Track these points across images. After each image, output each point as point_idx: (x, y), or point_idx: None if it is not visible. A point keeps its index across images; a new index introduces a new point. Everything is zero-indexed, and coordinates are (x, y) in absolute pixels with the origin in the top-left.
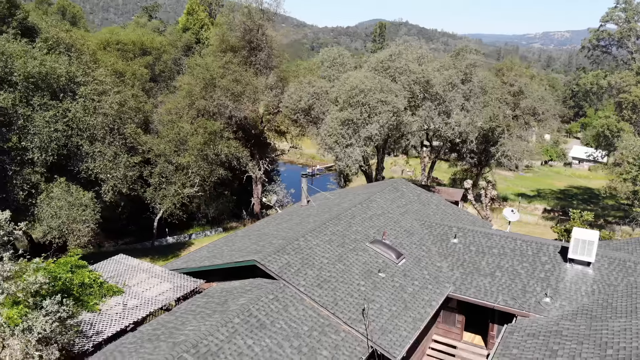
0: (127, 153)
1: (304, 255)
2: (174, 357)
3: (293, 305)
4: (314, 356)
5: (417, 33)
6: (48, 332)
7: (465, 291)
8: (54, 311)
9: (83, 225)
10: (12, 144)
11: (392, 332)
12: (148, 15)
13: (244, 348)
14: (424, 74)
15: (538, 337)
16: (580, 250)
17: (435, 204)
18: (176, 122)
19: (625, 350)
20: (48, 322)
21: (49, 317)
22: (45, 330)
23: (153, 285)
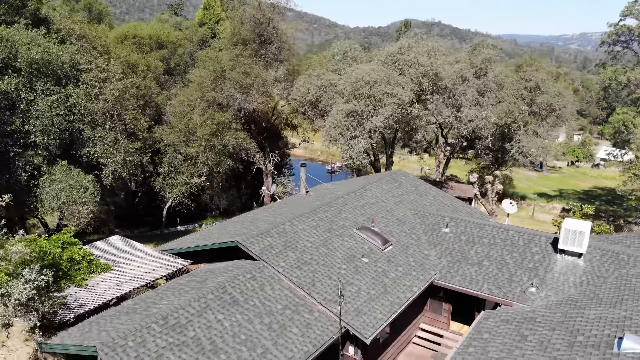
0: (127, 139)
1: (288, 238)
2: (142, 326)
3: (270, 285)
4: (284, 333)
5: (450, 33)
6: (26, 299)
7: (451, 279)
8: (33, 279)
9: (83, 207)
10: (16, 127)
11: (367, 314)
12: (173, 12)
13: (213, 322)
14: (433, 67)
15: (511, 323)
16: (570, 241)
17: (433, 196)
18: (187, 113)
19: (596, 337)
20: (26, 289)
21: (27, 285)
22: (23, 297)
23: (141, 264)
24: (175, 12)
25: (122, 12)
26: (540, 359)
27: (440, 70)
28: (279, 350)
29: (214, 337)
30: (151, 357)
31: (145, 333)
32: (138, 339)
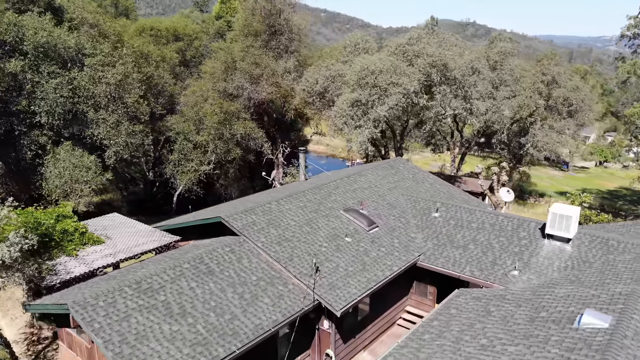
0: (128, 121)
1: (273, 217)
2: (115, 289)
3: (247, 258)
4: (255, 302)
5: (485, 34)
6: (10, 261)
7: (434, 261)
8: (17, 242)
9: (85, 185)
10: (22, 107)
11: (341, 288)
12: (199, 9)
13: (185, 289)
14: (441, 57)
15: (481, 300)
16: (558, 226)
17: (430, 183)
18: (198, 103)
19: (559, 313)
20: (10, 251)
21: (12, 248)
22: (7, 258)
23: (132, 238)
24: (200, 9)
25: (159, 13)
26: (499, 332)
27: (448, 61)
28: (247, 317)
29: (184, 302)
30: (119, 317)
31: (117, 295)
32: (109, 300)
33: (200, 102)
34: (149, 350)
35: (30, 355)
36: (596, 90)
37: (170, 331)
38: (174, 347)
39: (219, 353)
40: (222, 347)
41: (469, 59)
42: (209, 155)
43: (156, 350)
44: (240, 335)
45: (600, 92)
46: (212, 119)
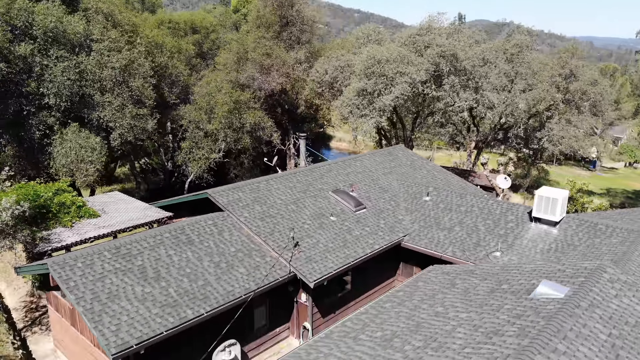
0: (133, 105)
1: (260, 194)
2: (94, 252)
3: (229, 231)
4: (230, 271)
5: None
6: (1, 225)
7: (418, 241)
8: (7, 208)
9: (90, 165)
10: (31, 89)
11: (318, 262)
12: (224, 5)
13: (163, 256)
14: (451, 48)
15: (450, 274)
16: (544, 209)
17: (427, 170)
18: (212, 93)
19: (520, 285)
20: (1, 216)
21: (3, 213)
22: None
23: (127, 213)
24: (225, 4)
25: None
26: (457, 302)
27: (458, 51)
28: (220, 284)
29: (159, 267)
30: (94, 277)
31: (95, 257)
32: (87, 261)
33: (214, 92)
34: (119, 308)
35: (27, 321)
36: (625, 88)
37: (142, 293)
38: (144, 307)
39: (187, 314)
40: (191, 310)
41: (480, 50)
42: (219, 143)
43: (126, 309)
44: (211, 300)
45: (629, 91)
46: (222, 107)
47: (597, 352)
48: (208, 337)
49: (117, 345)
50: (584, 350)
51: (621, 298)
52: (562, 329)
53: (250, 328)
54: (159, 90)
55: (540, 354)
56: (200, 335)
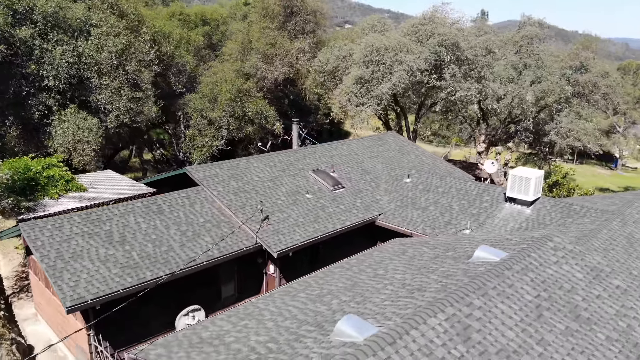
0: (129, 88)
1: (238, 171)
2: (65, 216)
3: (200, 204)
4: (195, 239)
5: (555, 34)
6: None
7: (392, 220)
8: None
9: (87, 145)
10: (31, 71)
11: (285, 234)
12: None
13: (131, 223)
14: (452, 37)
15: (405, 245)
16: (517, 189)
17: (416, 155)
18: (218, 82)
19: (464, 252)
20: None
21: None
22: None
23: (113, 189)
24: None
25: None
26: (400, 266)
27: (459, 40)
28: (184, 251)
29: (126, 233)
30: (61, 238)
31: (65, 221)
32: (57, 224)
33: (220, 82)
34: (80, 267)
35: (16, 289)
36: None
37: (106, 254)
38: (104, 267)
39: (145, 276)
40: (150, 272)
41: (483, 40)
42: (222, 131)
43: (87, 268)
44: (172, 264)
45: None
46: (224, 96)
47: (517, 310)
48: (175, 305)
49: (73, 299)
50: (502, 307)
51: (561, 265)
52: (483, 287)
53: (218, 297)
54: (165, 79)
55: (452, 306)
56: (167, 302)
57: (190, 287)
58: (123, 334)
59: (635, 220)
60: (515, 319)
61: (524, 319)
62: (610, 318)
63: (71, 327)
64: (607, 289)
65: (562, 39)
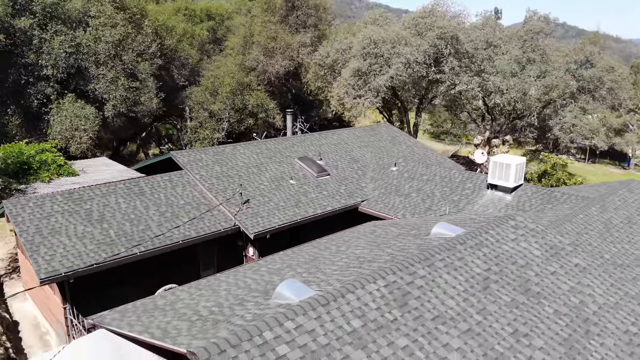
0: (126, 78)
1: (223, 157)
2: (48, 195)
3: (182, 187)
4: (173, 220)
5: (576, 35)
6: None
7: (374, 206)
8: None
9: (84, 133)
10: (30, 60)
11: (264, 217)
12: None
13: (112, 203)
14: (451, 30)
15: (377, 226)
16: (498, 175)
17: (407, 145)
18: (220, 76)
19: (427, 230)
20: None
21: None
22: None
23: (104, 174)
24: None
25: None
26: (362, 243)
27: (458, 33)
28: (161, 230)
29: (105, 212)
30: (42, 215)
31: (47, 199)
32: (39, 202)
33: (222, 75)
34: (57, 242)
35: (9, 269)
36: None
37: (83, 231)
38: (81, 243)
39: (120, 252)
40: (124, 248)
41: (484, 33)
42: (222, 124)
43: (63, 243)
44: (147, 242)
45: None
46: (225, 88)
47: (463, 281)
48: (154, 286)
49: (47, 271)
50: (447, 278)
51: (519, 242)
52: (430, 258)
53: (197, 278)
54: (169, 72)
55: (394, 274)
56: (147, 283)
57: (170, 268)
58: (100, 310)
59: (616, 207)
60: (458, 289)
61: (468, 289)
62: (563, 293)
63: (52, 303)
64: (565, 267)
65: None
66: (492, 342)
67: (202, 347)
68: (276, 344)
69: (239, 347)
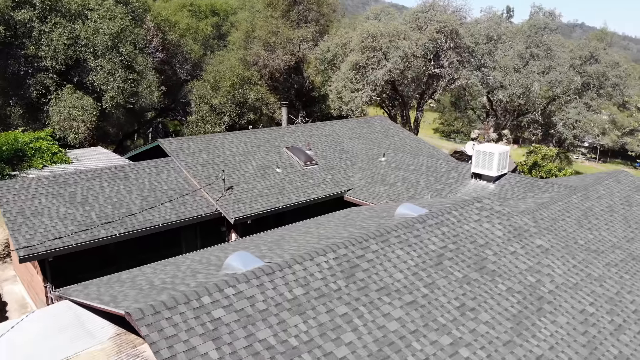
0: (123, 70)
1: (211, 145)
2: (34, 178)
3: (167, 173)
4: (155, 204)
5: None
6: None
7: (359, 195)
8: None
9: (81, 123)
10: (30, 52)
11: (245, 203)
12: None
13: (96, 187)
14: (450, 24)
15: (352, 211)
16: (481, 164)
17: (400, 137)
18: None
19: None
20: None
21: None
22: None
23: (97, 162)
24: None
25: None
26: (332, 224)
27: (458, 27)
28: (142, 214)
29: (88, 195)
30: (26, 197)
31: (33, 183)
32: (24, 185)
33: (224, 70)
34: (39, 222)
35: (4, 254)
36: None
37: (65, 213)
38: (62, 224)
39: (100, 234)
40: (105, 230)
41: (484, 27)
42: (223, 118)
43: (45, 224)
44: (127, 225)
45: None
46: (225, 82)
47: (415, 257)
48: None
49: (27, 250)
50: (400, 253)
51: (482, 223)
52: (385, 235)
53: None
54: (172, 67)
55: (346, 248)
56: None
57: (152, 252)
58: None
59: (599, 195)
60: (409, 264)
61: (420, 264)
62: (520, 272)
63: (36, 283)
64: (526, 247)
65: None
66: (436, 314)
67: (138, 309)
68: (213, 308)
69: (174, 310)
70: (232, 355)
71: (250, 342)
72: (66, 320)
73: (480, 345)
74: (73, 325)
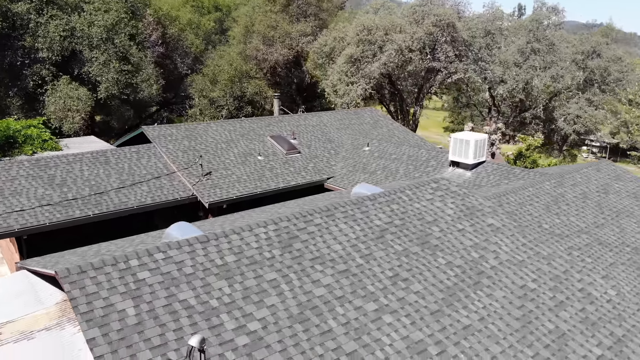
0: (118, 61)
1: (193, 133)
2: (17, 161)
3: (147, 158)
4: (133, 188)
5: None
6: None
7: (339, 182)
8: None
9: (76, 113)
10: (27, 43)
11: (222, 188)
12: None
13: (76, 170)
14: (447, 17)
15: (330, 196)
16: (458, 152)
17: (389, 128)
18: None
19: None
20: None
21: None
22: None
23: (85, 149)
24: None
25: None
26: (293, 205)
27: (454, 21)
28: (118, 197)
29: (67, 177)
30: (6, 178)
31: (15, 165)
32: (6, 167)
33: (224, 64)
34: (16, 202)
35: None
36: None
37: (43, 194)
38: (38, 203)
39: (74, 214)
40: (80, 211)
41: (481, 20)
42: (222, 111)
43: (22, 203)
44: (102, 206)
45: None
46: (223, 75)
47: (358, 230)
48: None
49: (2, 227)
50: (342, 227)
51: (434, 202)
52: (331, 210)
53: None
54: (172, 61)
55: (289, 221)
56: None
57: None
58: None
59: (574, 183)
60: (350, 237)
61: (361, 237)
62: (464, 248)
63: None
64: (476, 225)
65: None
66: (366, 282)
67: (65, 268)
68: (139, 270)
69: (100, 270)
70: (149, 313)
71: (170, 302)
72: (21, 287)
73: (406, 313)
74: (27, 291)
